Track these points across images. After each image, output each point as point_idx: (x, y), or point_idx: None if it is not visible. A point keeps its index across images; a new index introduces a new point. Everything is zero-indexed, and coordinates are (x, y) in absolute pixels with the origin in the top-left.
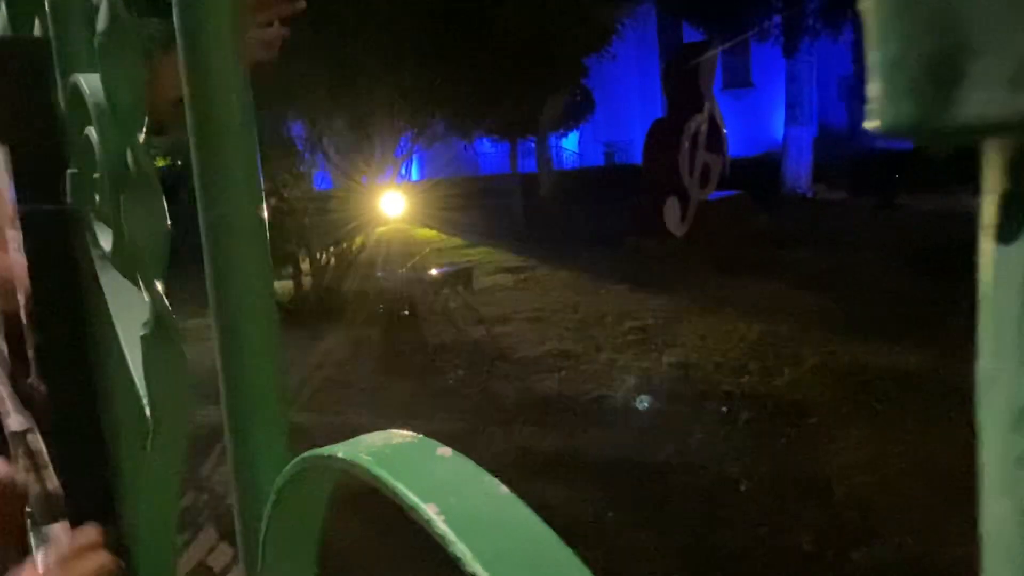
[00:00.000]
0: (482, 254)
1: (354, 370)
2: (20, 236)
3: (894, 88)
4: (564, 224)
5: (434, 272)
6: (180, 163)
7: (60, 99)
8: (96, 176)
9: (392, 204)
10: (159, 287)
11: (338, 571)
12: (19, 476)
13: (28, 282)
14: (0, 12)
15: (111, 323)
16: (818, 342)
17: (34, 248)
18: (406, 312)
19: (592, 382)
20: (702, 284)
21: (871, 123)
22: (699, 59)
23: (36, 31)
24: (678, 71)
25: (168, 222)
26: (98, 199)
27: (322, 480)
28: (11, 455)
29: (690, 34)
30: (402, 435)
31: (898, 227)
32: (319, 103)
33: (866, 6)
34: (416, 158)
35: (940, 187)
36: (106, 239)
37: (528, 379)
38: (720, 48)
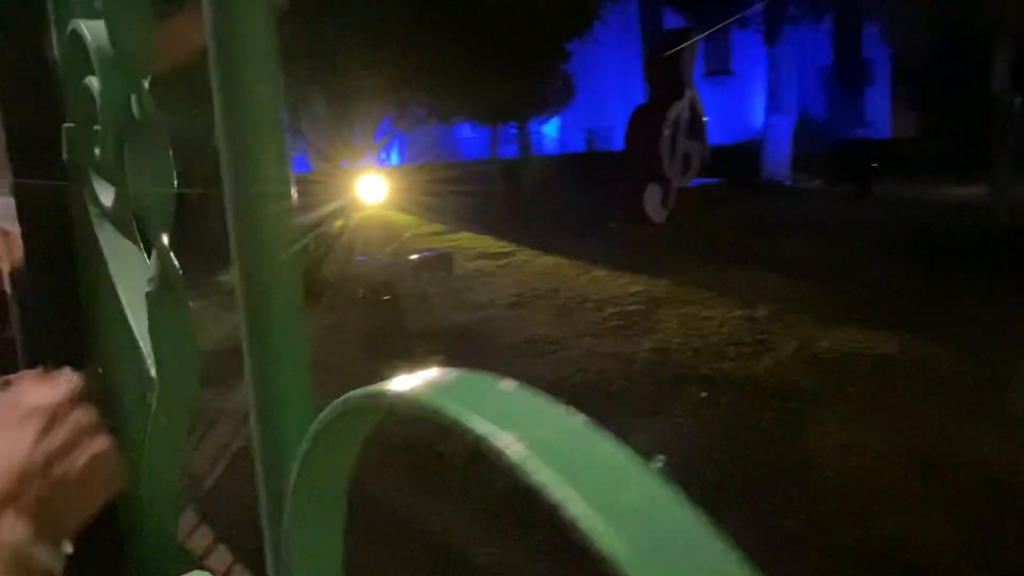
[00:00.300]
0: (463, 240)
1: (334, 355)
2: (5, 202)
3: None
4: (545, 210)
5: (415, 257)
6: None
7: (55, 49)
8: (97, 129)
9: (372, 189)
10: (165, 242)
11: None
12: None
13: (12, 251)
14: None
15: (109, 282)
16: (797, 328)
17: (29, 206)
18: (386, 297)
19: (574, 367)
20: (682, 270)
21: None
22: (680, 46)
23: None
24: (659, 58)
25: (174, 174)
26: (98, 152)
27: (357, 426)
28: None
29: (672, 20)
30: (450, 371)
31: (876, 215)
32: (298, 84)
33: None
34: (396, 143)
35: (916, 176)
36: (106, 195)
37: (510, 364)
38: (701, 35)
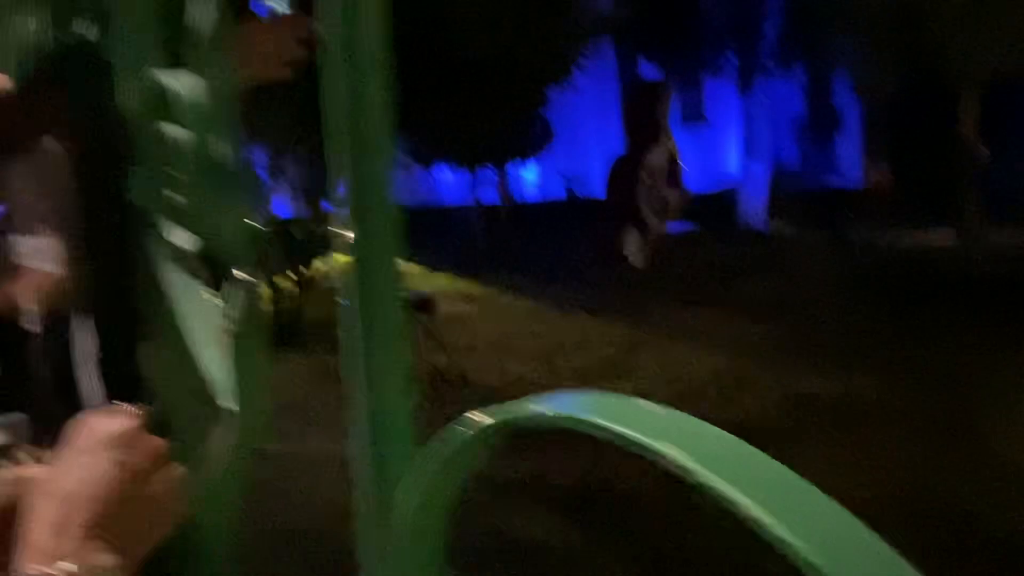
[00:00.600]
0: (443, 281)
1: (314, 397)
2: (52, 244)
3: None
4: (525, 253)
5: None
6: None
7: (123, 96)
8: (171, 173)
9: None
10: (249, 281)
11: None
12: None
13: (46, 292)
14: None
15: (173, 319)
16: (776, 372)
17: (93, 246)
18: None
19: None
20: (661, 314)
21: None
22: (657, 94)
23: (75, 32)
24: (637, 105)
25: (252, 215)
26: (172, 195)
27: (472, 447)
28: None
29: (647, 69)
30: (586, 392)
31: (849, 261)
32: (280, 128)
33: None
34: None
35: (891, 224)
36: (178, 236)
37: (491, 406)
38: (677, 84)
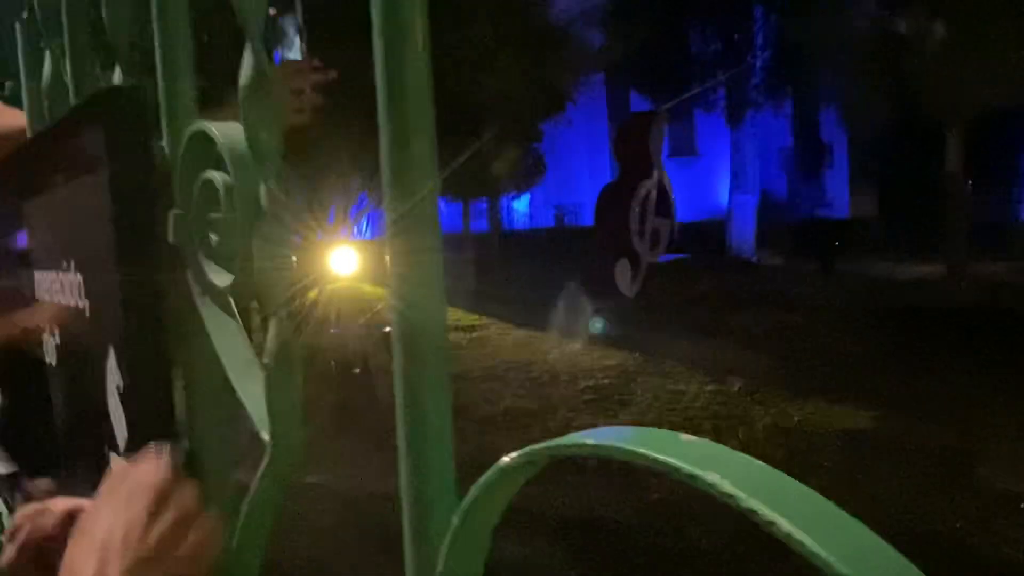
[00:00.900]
0: None
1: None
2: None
3: None
4: (517, 284)
5: (388, 329)
6: None
7: (165, 143)
8: (216, 217)
9: (346, 261)
10: (286, 317)
11: None
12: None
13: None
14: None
15: (211, 356)
16: (768, 402)
17: (129, 287)
18: (357, 370)
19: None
20: (653, 344)
21: None
22: (649, 127)
23: (116, 79)
24: (628, 138)
25: (293, 258)
26: (215, 238)
27: (515, 478)
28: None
29: (638, 102)
30: (627, 427)
31: (838, 292)
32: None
33: None
34: (369, 216)
35: (876, 254)
36: (219, 277)
37: (486, 437)
38: (668, 117)
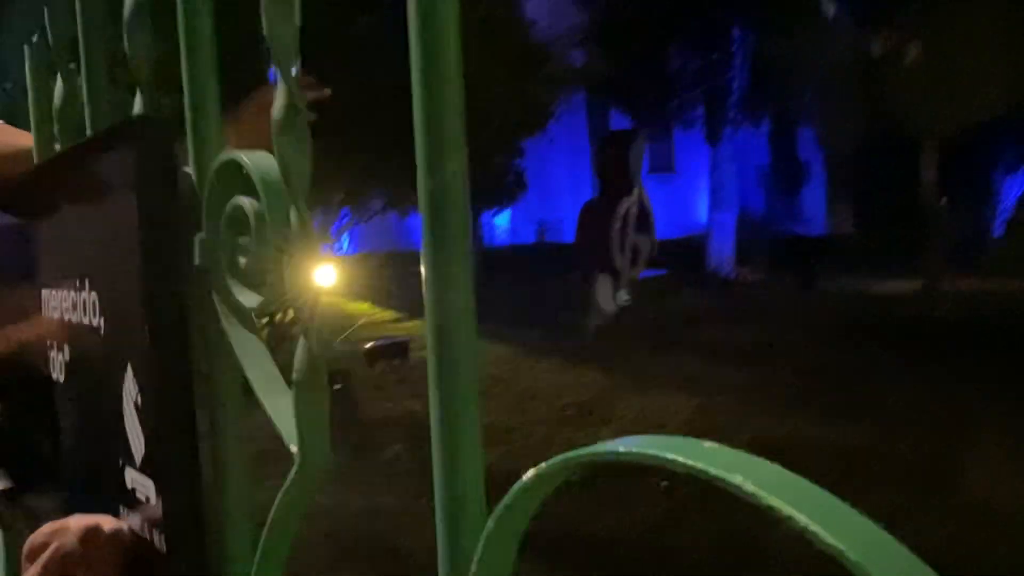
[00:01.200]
0: (416, 327)
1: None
2: (77, 296)
3: None
4: (497, 299)
5: (368, 345)
6: None
7: (192, 171)
8: (244, 240)
9: (326, 276)
10: (314, 336)
11: None
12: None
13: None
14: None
15: (237, 372)
16: (749, 418)
17: (154, 308)
18: (338, 387)
19: (532, 456)
20: (635, 360)
21: None
22: (629, 144)
23: (137, 107)
24: (609, 155)
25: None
26: (243, 261)
27: (549, 484)
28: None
29: (618, 120)
30: (651, 437)
31: (817, 308)
32: None
33: None
34: (351, 232)
35: (854, 270)
36: (247, 298)
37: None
38: (647, 135)
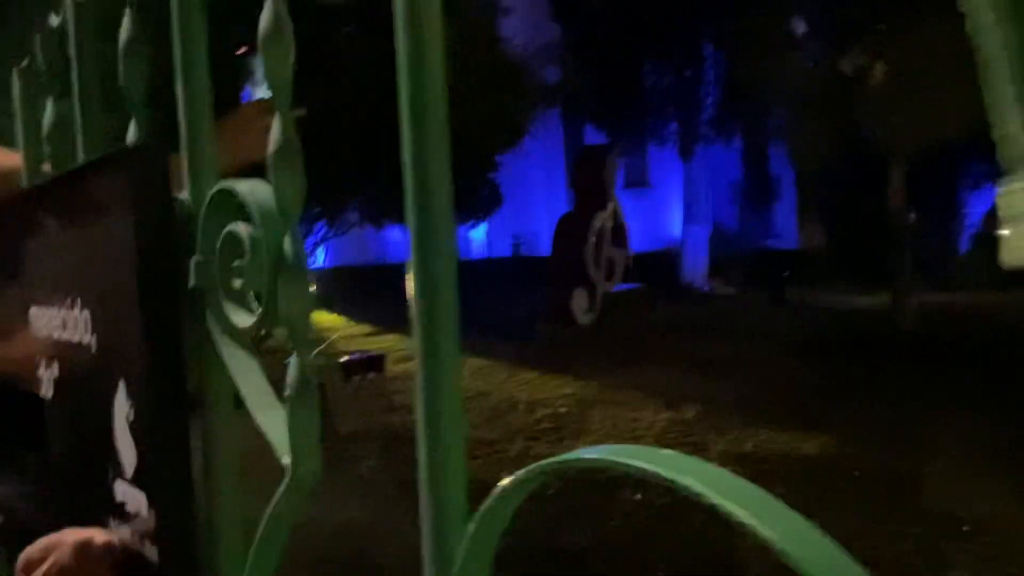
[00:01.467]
0: (392, 341)
1: (260, 461)
2: (68, 314)
3: None
4: (474, 312)
5: (344, 359)
6: None
7: (190, 198)
8: (239, 263)
9: None
10: (308, 354)
11: None
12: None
13: (52, 360)
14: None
15: (231, 389)
16: (722, 429)
17: (151, 327)
18: None
19: (508, 469)
20: (610, 372)
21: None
22: (604, 159)
23: (131, 135)
24: (584, 170)
25: (313, 297)
26: (237, 283)
27: (524, 490)
28: None
29: (592, 135)
30: (616, 446)
31: (788, 320)
32: None
33: None
34: (326, 246)
35: (825, 284)
36: (241, 318)
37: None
38: (622, 149)
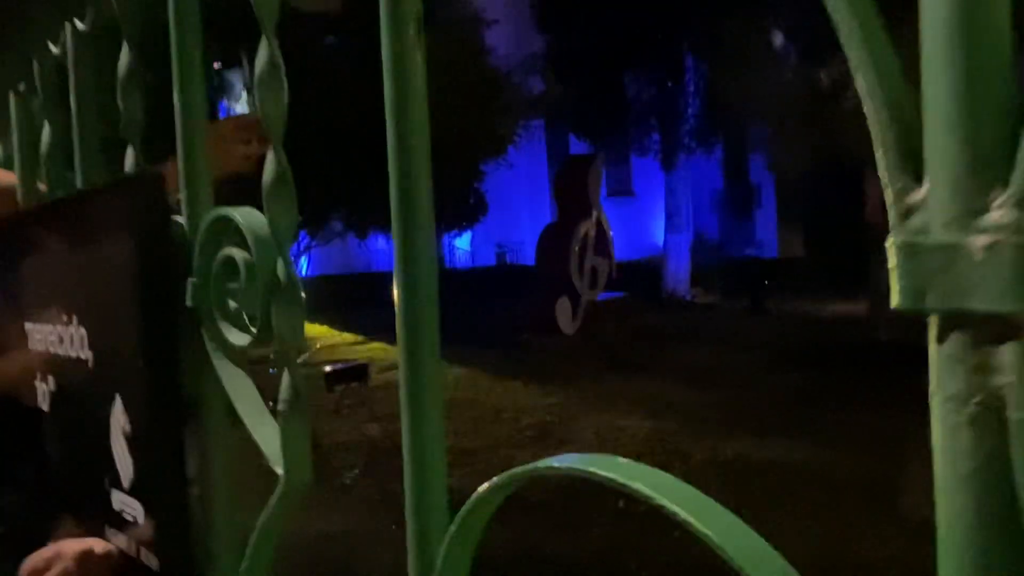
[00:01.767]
0: (375, 350)
1: (243, 470)
2: (64, 331)
3: None
4: (458, 321)
5: (327, 368)
6: None
7: (186, 225)
8: (234, 285)
9: None
10: (300, 370)
11: None
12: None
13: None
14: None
15: (225, 403)
16: (703, 437)
17: (149, 345)
18: None
19: (491, 478)
20: (594, 381)
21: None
22: (587, 168)
23: (128, 162)
24: (568, 179)
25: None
26: (232, 304)
27: (500, 494)
28: None
29: (576, 145)
30: (580, 455)
31: (768, 329)
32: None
33: None
34: (309, 255)
35: (804, 292)
36: (236, 336)
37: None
38: (605, 159)
